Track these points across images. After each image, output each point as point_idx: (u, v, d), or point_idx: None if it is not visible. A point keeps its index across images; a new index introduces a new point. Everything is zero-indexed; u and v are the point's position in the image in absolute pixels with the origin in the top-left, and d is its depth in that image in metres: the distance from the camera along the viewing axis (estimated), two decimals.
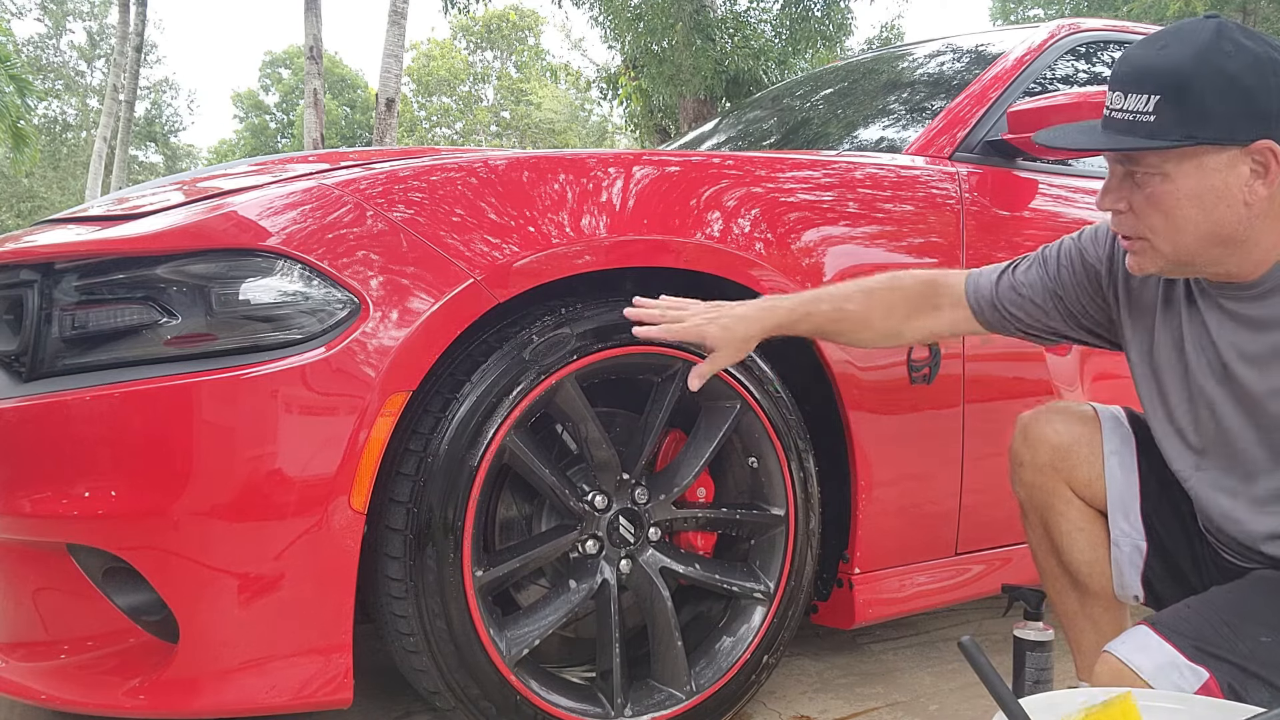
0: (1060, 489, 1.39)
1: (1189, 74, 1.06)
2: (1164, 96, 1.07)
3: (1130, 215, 1.15)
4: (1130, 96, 1.10)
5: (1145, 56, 1.11)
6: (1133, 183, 1.13)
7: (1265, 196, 1.08)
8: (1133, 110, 1.09)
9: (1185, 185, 1.09)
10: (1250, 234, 1.11)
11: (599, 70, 13.31)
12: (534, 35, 34.03)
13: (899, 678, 1.92)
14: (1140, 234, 1.15)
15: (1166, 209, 1.11)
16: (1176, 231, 1.12)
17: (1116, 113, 1.12)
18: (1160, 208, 1.11)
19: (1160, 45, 1.10)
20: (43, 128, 27.65)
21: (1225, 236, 1.11)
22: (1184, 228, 1.11)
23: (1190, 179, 1.09)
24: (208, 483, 1.27)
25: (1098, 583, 1.41)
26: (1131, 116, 1.10)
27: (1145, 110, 1.08)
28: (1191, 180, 1.09)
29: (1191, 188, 1.09)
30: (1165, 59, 1.08)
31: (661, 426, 1.57)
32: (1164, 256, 1.15)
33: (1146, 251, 1.16)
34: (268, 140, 34.65)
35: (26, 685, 1.37)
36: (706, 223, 1.57)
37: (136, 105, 18.85)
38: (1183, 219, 1.11)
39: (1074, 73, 2.24)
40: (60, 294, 1.35)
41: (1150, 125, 1.08)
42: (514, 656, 1.46)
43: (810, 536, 1.70)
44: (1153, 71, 1.09)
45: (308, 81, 11.17)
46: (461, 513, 1.40)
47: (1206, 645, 1.10)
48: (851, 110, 2.46)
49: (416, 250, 1.36)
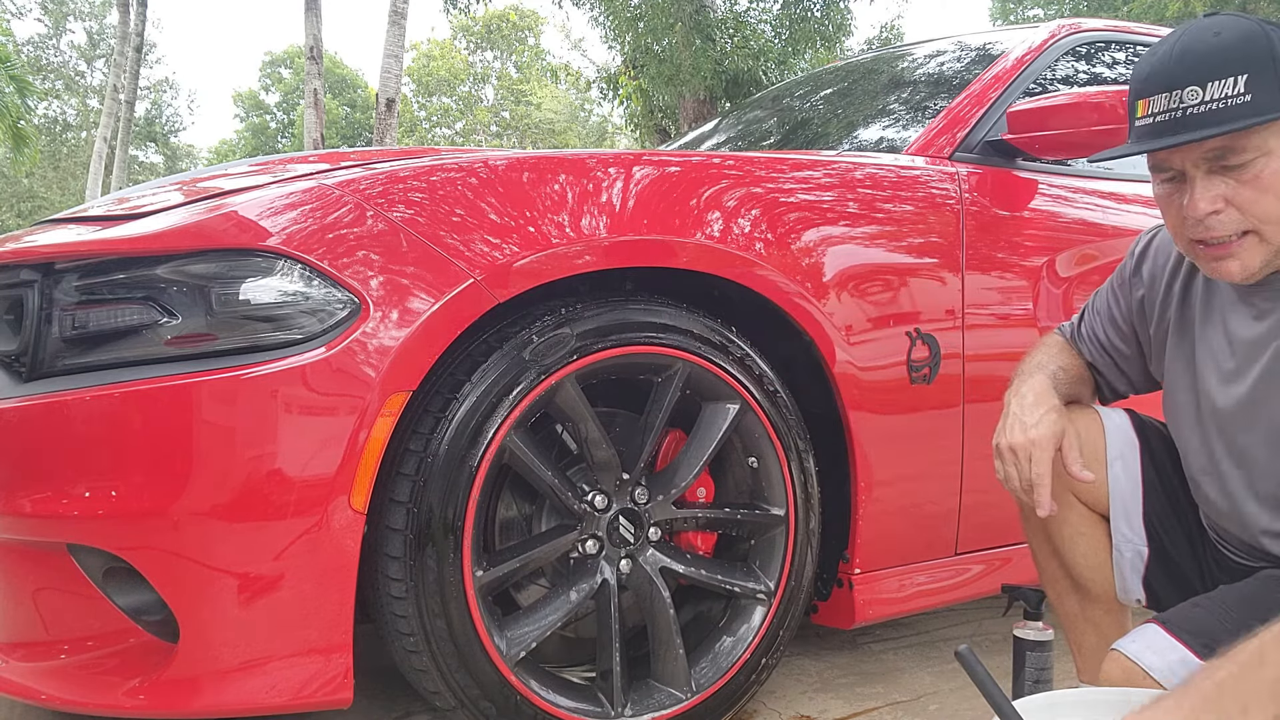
0: (1062, 494, 1.39)
1: (1266, 44, 1.05)
2: (1252, 73, 1.04)
3: (1231, 211, 1.10)
4: (1210, 85, 1.06)
5: (1205, 46, 1.08)
6: (1225, 176, 1.09)
7: None
8: (1219, 97, 1.05)
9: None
10: None
11: (599, 70, 13.30)
12: (534, 35, 34.03)
13: (899, 678, 1.92)
14: (1246, 228, 1.10)
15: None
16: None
17: (1197, 107, 1.07)
18: (1273, 188, 1.07)
19: (1210, 33, 1.08)
20: (43, 128, 27.64)
21: None
22: None
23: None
24: (208, 483, 1.27)
25: (1099, 586, 1.41)
26: (1219, 104, 1.05)
27: (1236, 93, 1.05)
28: None
29: None
30: (1230, 41, 1.06)
31: (661, 426, 1.57)
32: (1275, 247, 1.10)
33: (1253, 247, 1.11)
34: (268, 140, 34.64)
35: (26, 685, 1.37)
36: (706, 223, 1.57)
37: (136, 105, 18.85)
38: None
39: (1074, 73, 2.24)
40: (60, 294, 1.35)
41: (1248, 104, 1.04)
42: (514, 656, 1.46)
43: (810, 536, 1.70)
44: (1225, 53, 1.06)
45: (308, 81, 11.18)
46: (461, 513, 1.40)
47: (1217, 643, 1.09)
48: (851, 110, 2.47)
49: (416, 250, 1.36)
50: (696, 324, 1.57)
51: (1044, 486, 1.24)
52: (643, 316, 1.53)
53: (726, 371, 1.59)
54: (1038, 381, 1.34)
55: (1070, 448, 1.28)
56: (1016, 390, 1.34)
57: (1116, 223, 2.08)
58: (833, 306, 1.66)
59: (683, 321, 1.56)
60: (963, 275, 1.82)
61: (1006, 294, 1.88)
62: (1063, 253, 1.97)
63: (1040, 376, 1.35)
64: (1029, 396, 1.31)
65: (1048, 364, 1.40)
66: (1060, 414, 1.29)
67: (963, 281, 1.81)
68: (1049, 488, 1.24)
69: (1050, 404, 1.29)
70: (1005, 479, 1.30)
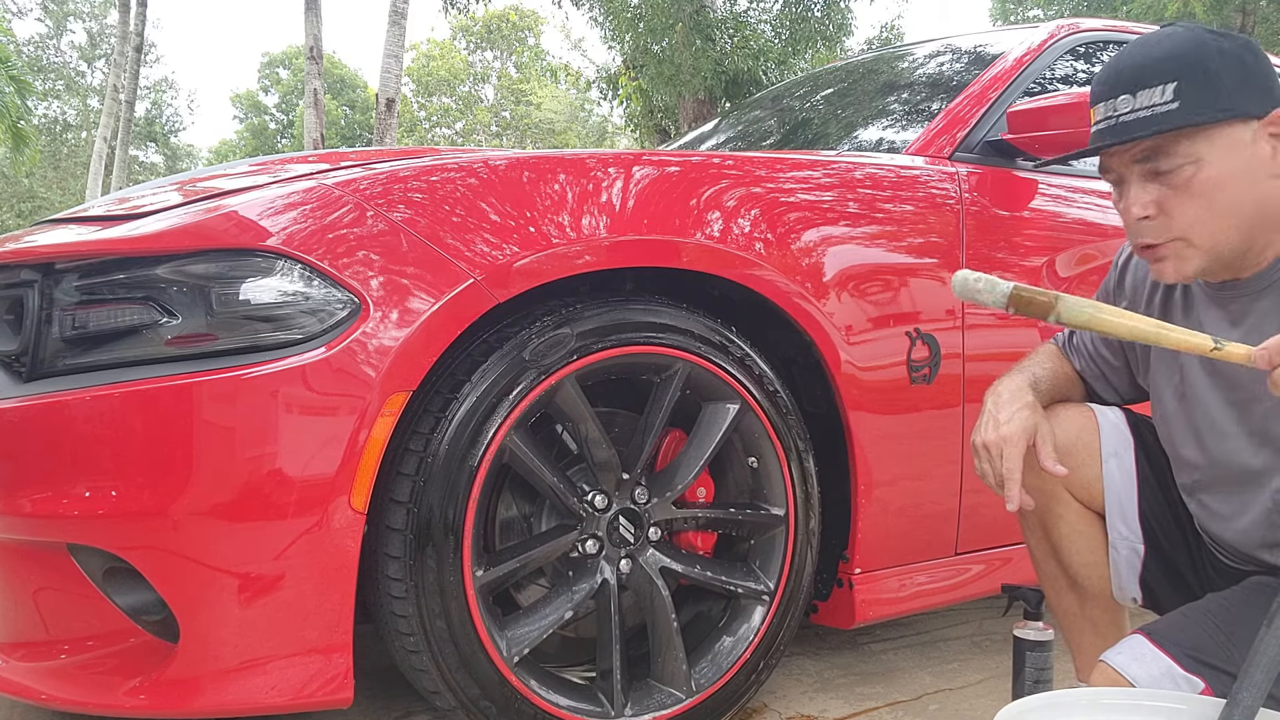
0: (1058, 492, 1.39)
1: (1198, 55, 1.07)
2: (1182, 80, 1.06)
3: (1162, 218, 1.11)
4: (1141, 93, 1.09)
5: (1142, 55, 1.11)
6: (1158, 183, 1.11)
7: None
8: (1149, 105, 1.08)
9: (1223, 166, 1.07)
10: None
11: (599, 70, 13.30)
12: (534, 35, 34.03)
13: (899, 678, 1.92)
14: (1175, 234, 1.11)
15: (1208, 194, 1.08)
16: (1219, 218, 1.09)
17: (1128, 114, 1.10)
18: (1201, 195, 1.08)
19: (1152, 43, 1.11)
20: (43, 128, 27.64)
21: (1268, 214, 1.09)
22: (1229, 211, 1.08)
23: (1226, 158, 1.07)
24: (208, 483, 1.27)
25: (1096, 584, 1.41)
26: (1149, 111, 1.08)
27: (1164, 100, 1.07)
28: (1227, 159, 1.07)
29: (1229, 167, 1.07)
30: (1166, 50, 1.09)
31: (661, 426, 1.57)
32: (1203, 253, 1.11)
33: (1183, 252, 1.12)
34: (268, 140, 34.64)
35: (27, 685, 1.37)
36: (706, 223, 1.57)
37: (136, 105, 18.85)
38: (1226, 202, 1.08)
39: (1073, 73, 2.24)
40: (61, 294, 1.35)
41: (1176, 112, 1.07)
42: (514, 656, 1.46)
43: (810, 536, 1.70)
44: (1159, 62, 1.09)
45: (308, 82, 11.18)
46: (461, 513, 1.40)
47: (1201, 654, 1.10)
48: (851, 110, 2.47)
49: (416, 250, 1.36)
50: (696, 324, 1.57)
51: (1014, 481, 1.25)
52: (643, 316, 1.53)
53: (726, 371, 1.59)
54: (1014, 380, 1.35)
55: (1043, 442, 1.28)
56: (994, 389, 1.35)
57: (1116, 222, 2.07)
58: (833, 306, 1.66)
59: (683, 321, 1.56)
60: None
61: None
62: (1063, 253, 1.97)
63: (1019, 376, 1.36)
64: (1004, 395, 1.32)
65: (1031, 366, 1.41)
66: (1033, 410, 1.30)
67: None
68: (1018, 482, 1.25)
69: (1024, 401, 1.30)
70: (982, 475, 1.31)
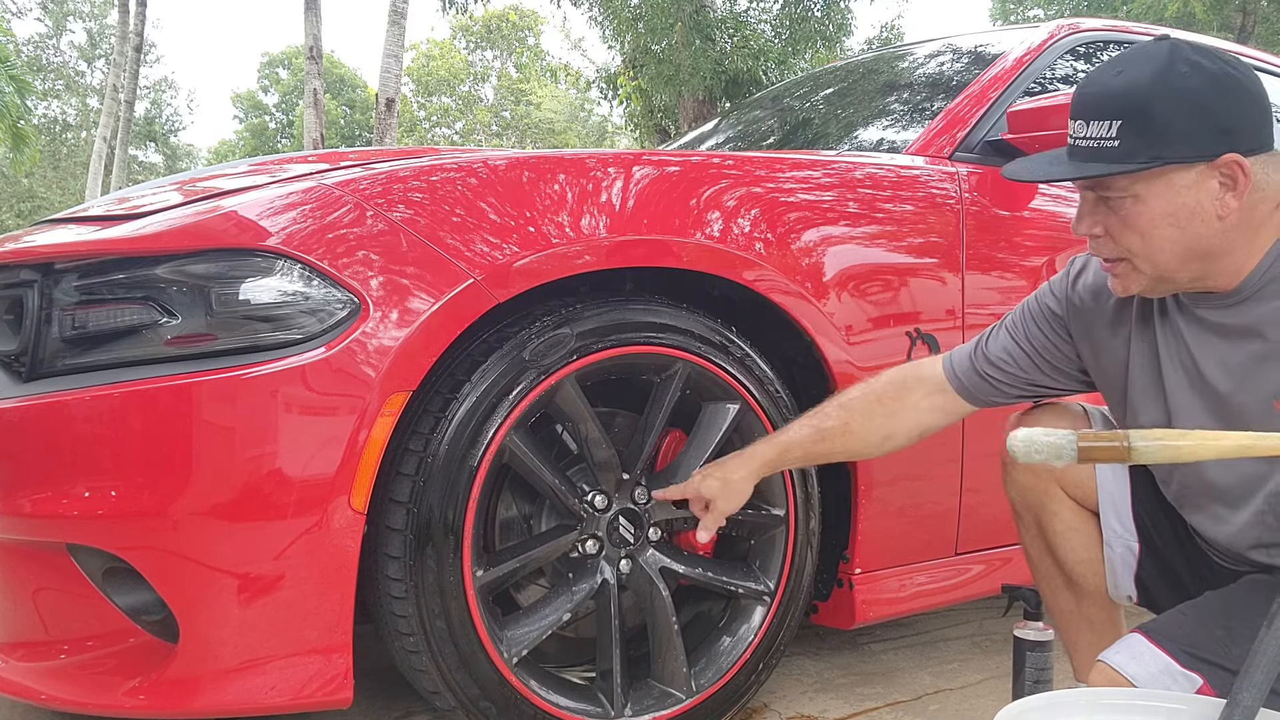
0: (1052, 490, 1.39)
1: (1148, 96, 1.07)
2: (1126, 121, 1.08)
3: (1107, 239, 1.15)
4: (1092, 124, 1.11)
5: (1102, 83, 1.12)
6: (1106, 207, 1.14)
7: (1237, 209, 1.09)
8: (1096, 137, 1.10)
9: (1158, 205, 1.10)
10: (1226, 246, 1.11)
11: (599, 70, 13.29)
12: (534, 35, 34.02)
13: (899, 678, 1.92)
14: (1120, 255, 1.15)
15: (1142, 230, 1.11)
16: (1155, 251, 1.12)
17: (1080, 141, 1.13)
18: (1136, 229, 1.12)
19: (1116, 71, 1.11)
20: (43, 128, 27.63)
21: (1203, 251, 1.11)
22: (1162, 246, 1.11)
23: (1162, 199, 1.09)
24: (208, 483, 1.27)
25: (1092, 583, 1.41)
26: (1095, 143, 1.10)
27: (1109, 136, 1.09)
28: (1163, 200, 1.09)
29: (1164, 207, 1.10)
30: (1122, 84, 1.09)
31: (661, 426, 1.57)
32: (1146, 275, 1.15)
33: (1129, 273, 1.16)
34: (268, 140, 34.63)
35: (26, 685, 1.37)
36: (706, 223, 1.57)
37: (136, 105, 18.84)
38: (1159, 238, 1.11)
39: (1073, 73, 2.24)
40: (60, 294, 1.35)
41: (1115, 150, 1.09)
42: (514, 656, 1.46)
43: (810, 536, 1.70)
44: (1111, 97, 1.10)
45: (307, 81, 11.18)
46: (461, 513, 1.40)
47: (1200, 651, 1.10)
48: (851, 110, 2.47)
49: (416, 250, 1.36)
50: (696, 324, 1.57)
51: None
52: (643, 316, 1.53)
53: (727, 371, 1.59)
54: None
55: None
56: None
57: None
58: (833, 306, 1.66)
59: (683, 321, 1.56)
60: (963, 275, 1.82)
61: (1007, 294, 1.88)
62: (1063, 252, 1.96)
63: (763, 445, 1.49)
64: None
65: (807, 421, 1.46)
66: (751, 459, 1.44)
67: (963, 281, 1.81)
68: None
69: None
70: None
